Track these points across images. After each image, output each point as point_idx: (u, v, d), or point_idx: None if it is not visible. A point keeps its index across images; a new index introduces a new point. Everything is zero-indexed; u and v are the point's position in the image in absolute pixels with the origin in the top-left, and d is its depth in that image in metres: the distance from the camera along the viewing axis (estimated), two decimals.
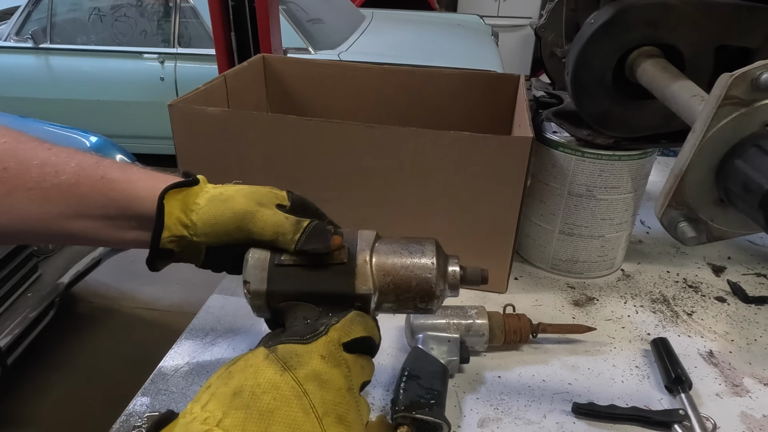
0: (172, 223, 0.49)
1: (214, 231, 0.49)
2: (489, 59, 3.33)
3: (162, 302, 2.50)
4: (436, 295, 0.49)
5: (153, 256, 0.50)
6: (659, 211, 0.62)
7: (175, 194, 0.49)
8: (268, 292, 0.48)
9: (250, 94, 1.04)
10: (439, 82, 1.06)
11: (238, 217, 0.48)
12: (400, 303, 0.50)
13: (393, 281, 0.48)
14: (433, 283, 0.49)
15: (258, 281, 0.48)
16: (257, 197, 0.50)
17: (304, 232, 0.47)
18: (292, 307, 0.48)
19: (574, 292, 0.88)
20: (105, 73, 3.43)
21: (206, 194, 0.50)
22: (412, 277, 0.48)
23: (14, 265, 1.71)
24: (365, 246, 0.49)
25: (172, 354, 0.74)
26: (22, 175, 0.46)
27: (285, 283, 0.48)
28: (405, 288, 0.49)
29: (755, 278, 0.93)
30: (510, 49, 5.18)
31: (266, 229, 0.48)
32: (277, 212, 0.49)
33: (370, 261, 0.48)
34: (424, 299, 0.49)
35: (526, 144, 0.72)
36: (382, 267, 0.49)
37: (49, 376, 2.09)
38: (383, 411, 0.65)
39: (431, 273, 0.49)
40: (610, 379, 0.71)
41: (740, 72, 0.52)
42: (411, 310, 0.51)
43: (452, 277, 0.51)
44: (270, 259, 0.48)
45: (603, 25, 0.72)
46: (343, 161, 0.79)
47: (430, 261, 0.49)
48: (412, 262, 0.49)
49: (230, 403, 0.38)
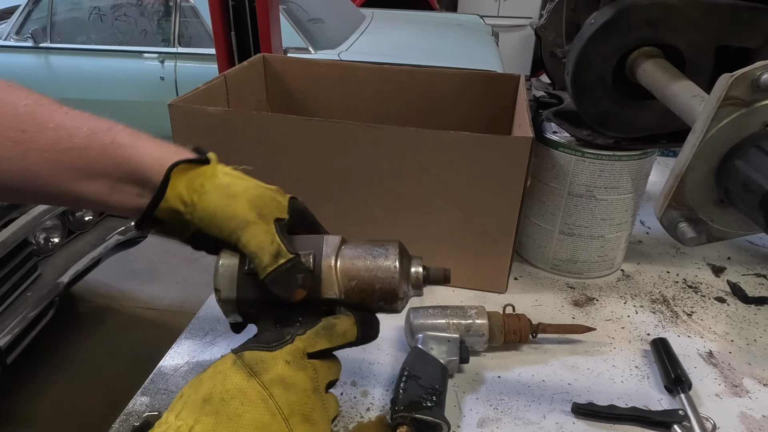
0: (172, 197, 0.49)
1: (210, 222, 0.49)
2: (489, 59, 3.33)
3: (162, 302, 2.50)
4: (399, 296, 0.51)
5: (144, 219, 0.50)
6: (659, 211, 0.62)
7: (184, 169, 0.50)
8: (237, 299, 0.49)
9: (250, 94, 1.04)
10: (440, 82, 1.06)
11: (234, 222, 0.49)
12: (364, 306, 0.51)
13: (358, 285, 0.50)
14: (396, 286, 0.50)
15: (228, 289, 0.49)
16: (260, 204, 0.50)
17: (277, 270, 0.48)
18: (262, 313, 0.50)
19: (573, 292, 0.88)
20: (105, 72, 3.43)
21: (215, 181, 0.50)
22: (375, 280, 0.50)
23: (14, 265, 1.71)
24: (330, 252, 0.51)
25: (171, 354, 0.74)
26: (39, 137, 0.48)
27: (254, 291, 0.49)
28: (369, 291, 0.50)
29: (755, 279, 0.93)
30: (510, 49, 5.18)
31: (251, 244, 0.48)
32: (270, 231, 0.49)
33: (335, 266, 0.50)
34: (388, 301, 0.51)
35: (526, 144, 0.72)
36: (347, 272, 0.50)
37: (49, 375, 2.09)
38: (383, 411, 0.65)
39: (394, 275, 0.50)
40: (610, 380, 0.71)
41: (740, 72, 0.52)
42: (376, 310, 0.53)
43: (415, 278, 0.52)
44: (239, 267, 0.49)
45: (603, 26, 0.72)
46: (343, 161, 0.79)
47: (393, 264, 0.50)
48: (375, 266, 0.50)
49: (201, 410, 0.40)
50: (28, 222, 1.74)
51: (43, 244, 1.91)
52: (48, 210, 1.82)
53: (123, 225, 2.13)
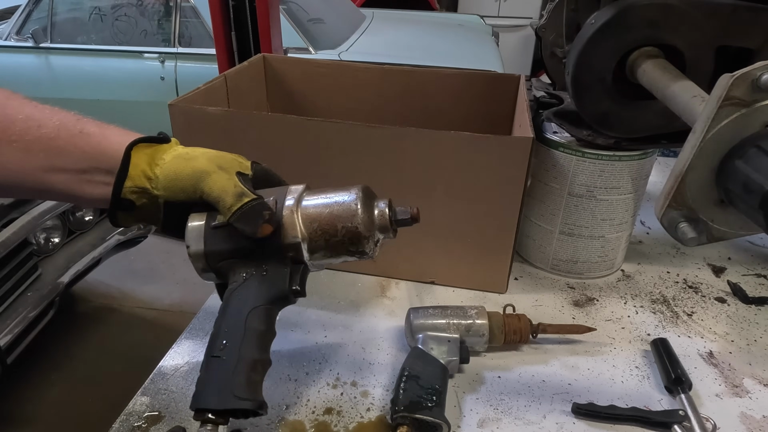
0: (136, 174, 0.50)
1: (173, 186, 0.51)
2: (489, 59, 3.33)
3: (162, 302, 2.50)
4: (364, 235, 0.50)
5: (114, 207, 0.51)
6: (659, 211, 0.62)
7: (144, 148, 0.52)
8: (205, 252, 0.51)
9: (250, 94, 1.04)
10: (440, 82, 1.06)
11: (195, 175, 0.50)
12: (332, 249, 0.51)
13: (320, 227, 0.50)
14: (358, 224, 0.50)
15: (195, 243, 0.51)
16: (220, 161, 0.52)
17: (242, 208, 0.49)
18: (231, 266, 0.51)
19: (574, 292, 0.88)
20: (105, 72, 3.43)
21: (173, 152, 0.52)
22: (337, 219, 0.50)
23: (14, 265, 1.71)
24: (291, 198, 0.51)
25: (172, 354, 0.74)
26: (8, 128, 0.48)
27: (220, 243, 0.51)
28: (332, 232, 0.50)
29: (755, 279, 0.93)
30: (510, 49, 5.17)
31: (213, 190, 0.50)
32: (231, 178, 0.51)
33: (296, 210, 0.50)
34: (354, 242, 0.51)
35: (527, 144, 0.72)
36: (308, 215, 0.50)
37: (49, 375, 2.09)
38: (383, 411, 0.65)
39: (355, 213, 0.50)
40: (610, 380, 0.71)
41: (741, 73, 0.52)
42: (345, 255, 0.52)
43: (380, 217, 0.52)
44: (206, 222, 0.51)
45: (604, 26, 0.72)
46: (343, 161, 0.79)
47: (353, 203, 0.50)
48: (337, 206, 0.50)
49: None
50: (28, 222, 1.74)
51: (43, 244, 1.91)
52: (48, 210, 1.82)
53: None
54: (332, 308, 0.83)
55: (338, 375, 0.70)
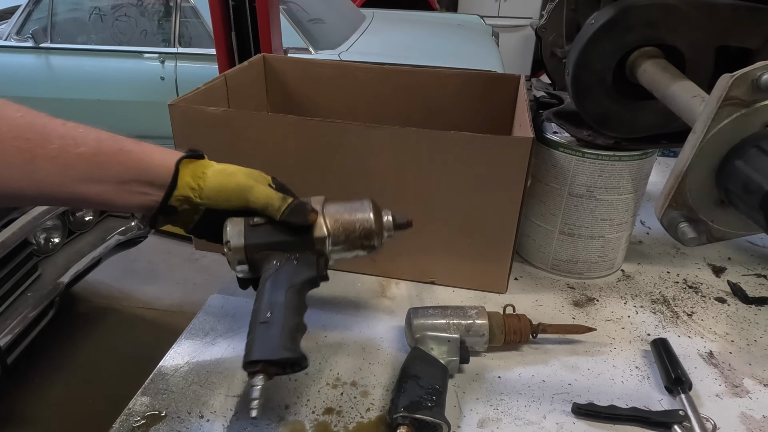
0: (182, 185, 0.59)
1: (218, 196, 0.61)
2: (489, 59, 3.33)
3: (162, 302, 2.50)
4: (376, 232, 0.64)
5: (159, 212, 0.60)
6: (659, 211, 0.62)
7: (186, 163, 0.61)
8: (245, 246, 0.62)
9: (250, 94, 1.04)
10: (440, 82, 1.06)
11: (240, 188, 0.61)
12: (349, 243, 0.64)
13: (342, 225, 0.63)
14: (372, 223, 0.64)
15: (236, 238, 0.61)
16: (254, 176, 0.63)
17: (288, 206, 0.61)
18: (265, 256, 0.62)
19: (574, 292, 0.88)
20: (105, 72, 3.43)
21: (212, 168, 0.62)
22: (356, 221, 0.64)
23: (14, 265, 1.71)
24: (317, 204, 0.64)
25: (172, 354, 0.74)
26: (45, 145, 0.53)
27: (258, 237, 0.62)
28: (351, 229, 0.64)
29: (755, 279, 0.93)
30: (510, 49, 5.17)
31: (260, 199, 0.61)
32: (270, 189, 0.62)
33: (323, 212, 0.63)
34: (367, 237, 0.64)
35: (527, 144, 0.72)
36: (331, 216, 0.64)
37: (49, 375, 2.09)
38: (383, 411, 0.65)
39: (370, 216, 0.64)
40: (610, 380, 0.71)
41: (741, 73, 0.52)
42: (359, 249, 0.65)
43: (386, 221, 0.66)
44: (245, 222, 0.62)
45: (604, 26, 0.72)
46: (343, 161, 0.79)
47: (368, 208, 0.65)
48: (354, 210, 0.64)
49: None
50: (28, 222, 1.74)
51: (43, 244, 1.90)
52: (48, 210, 1.82)
53: (123, 225, 2.13)
54: (332, 308, 0.83)
55: (338, 375, 0.70)
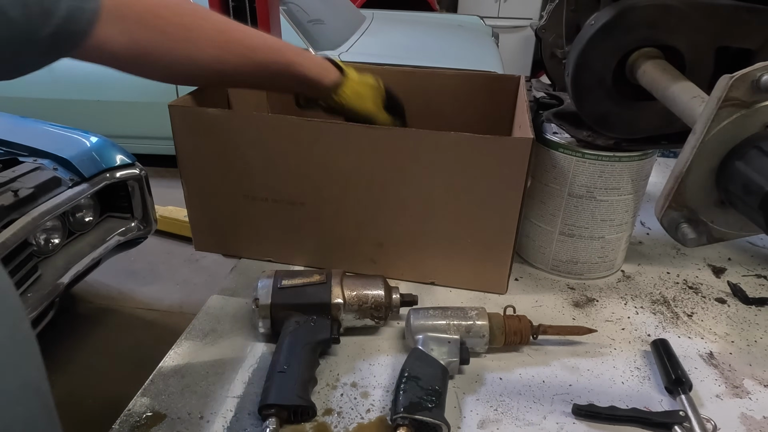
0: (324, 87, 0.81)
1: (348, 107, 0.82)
2: (489, 60, 3.33)
3: (162, 302, 2.50)
4: (385, 305, 0.74)
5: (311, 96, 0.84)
6: (659, 212, 0.62)
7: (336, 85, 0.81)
8: (271, 305, 0.71)
9: (250, 94, 1.04)
10: (440, 82, 1.06)
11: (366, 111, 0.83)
12: (360, 312, 0.73)
13: (356, 296, 0.73)
14: (383, 297, 0.74)
15: (265, 298, 0.72)
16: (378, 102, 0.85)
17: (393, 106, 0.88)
18: (287, 315, 0.71)
19: (574, 293, 0.88)
20: (105, 72, 3.38)
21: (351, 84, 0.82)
22: (368, 294, 0.74)
23: (14, 265, 1.71)
24: (336, 275, 0.75)
25: (172, 354, 0.74)
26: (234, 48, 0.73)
27: (283, 298, 0.72)
28: (364, 300, 0.73)
29: (755, 279, 0.93)
30: (510, 50, 5.18)
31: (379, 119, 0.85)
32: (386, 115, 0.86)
33: (341, 282, 0.74)
34: (377, 309, 0.74)
35: (527, 145, 0.72)
36: (348, 286, 0.74)
37: (49, 375, 2.08)
38: (383, 412, 0.65)
39: (381, 291, 0.74)
40: (610, 381, 0.71)
41: (741, 73, 0.53)
42: (368, 318, 0.74)
43: (395, 298, 0.76)
44: (273, 283, 0.73)
45: (603, 27, 0.72)
46: (343, 162, 0.79)
47: (380, 284, 0.75)
48: (368, 284, 0.75)
49: None
50: (28, 223, 1.74)
51: (43, 244, 1.90)
52: (48, 211, 1.81)
53: (123, 226, 2.13)
54: None
55: (338, 376, 0.70)
